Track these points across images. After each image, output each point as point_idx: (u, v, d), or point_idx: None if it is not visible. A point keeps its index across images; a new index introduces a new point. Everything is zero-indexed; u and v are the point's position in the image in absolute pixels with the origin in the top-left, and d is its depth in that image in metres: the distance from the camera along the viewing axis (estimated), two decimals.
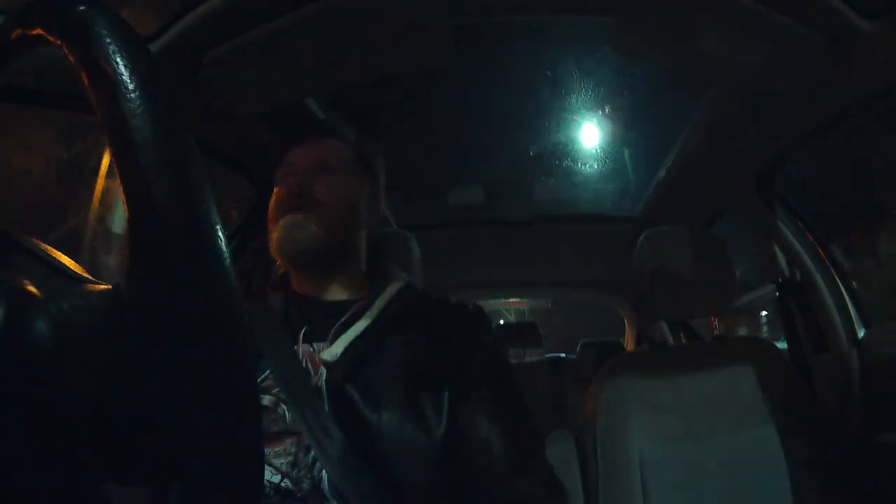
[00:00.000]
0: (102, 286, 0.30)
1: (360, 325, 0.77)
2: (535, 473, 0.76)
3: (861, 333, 1.22)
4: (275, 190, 0.85)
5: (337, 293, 0.84)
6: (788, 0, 0.82)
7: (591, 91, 1.37)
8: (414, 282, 0.90)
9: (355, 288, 0.85)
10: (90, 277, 0.32)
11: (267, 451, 0.69)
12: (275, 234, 0.80)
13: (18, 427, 0.26)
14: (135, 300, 0.27)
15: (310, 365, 0.74)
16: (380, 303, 0.80)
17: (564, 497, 0.79)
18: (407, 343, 0.78)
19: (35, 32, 0.30)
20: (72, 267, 0.32)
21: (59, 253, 0.32)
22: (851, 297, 1.26)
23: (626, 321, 2.84)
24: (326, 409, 0.71)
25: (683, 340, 2.13)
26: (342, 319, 0.78)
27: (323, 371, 0.74)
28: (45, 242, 0.32)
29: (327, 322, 0.78)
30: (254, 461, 0.30)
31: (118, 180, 0.27)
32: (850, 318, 1.24)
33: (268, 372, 0.74)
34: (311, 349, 0.76)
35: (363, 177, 0.87)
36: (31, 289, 0.27)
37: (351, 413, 0.71)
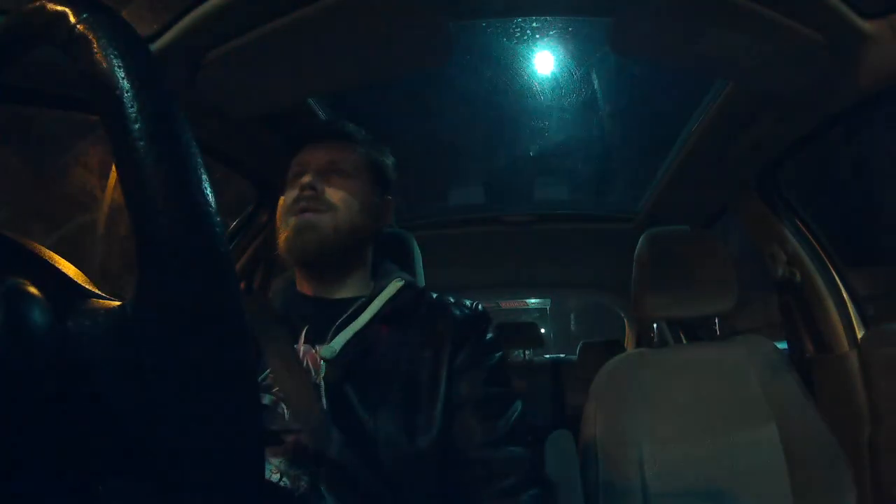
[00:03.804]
0: (111, 303, 0.30)
1: (358, 322, 0.78)
2: (523, 471, 0.75)
3: (861, 333, 1.21)
4: (286, 190, 0.85)
5: (340, 292, 0.85)
6: (788, 0, 0.82)
7: (591, 91, 1.37)
8: (414, 280, 0.90)
9: (358, 287, 0.85)
10: (99, 293, 0.32)
11: (266, 450, 0.70)
12: (284, 234, 0.81)
13: (17, 425, 0.26)
14: (142, 316, 0.27)
15: (310, 363, 0.75)
16: (379, 300, 0.81)
17: (551, 493, 0.79)
18: (405, 340, 0.78)
19: (36, 33, 0.30)
20: (80, 281, 0.32)
21: (69, 265, 0.32)
22: (851, 297, 1.26)
23: (626, 321, 2.85)
24: (324, 406, 0.71)
25: (683, 340, 2.13)
26: (342, 317, 0.78)
27: (322, 368, 0.74)
28: (48, 242, 0.32)
29: (328, 320, 0.79)
30: (254, 461, 0.30)
31: (120, 181, 0.27)
32: (850, 318, 1.23)
33: (268, 371, 0.74)
34: (312, 349, 0.76)
35: (374, 181, 0.88)
36: (33, 290, 0.27)
37: (348, 410, 0.72)
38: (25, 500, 0.27)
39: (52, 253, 0.32)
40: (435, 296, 0.87)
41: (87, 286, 0.32)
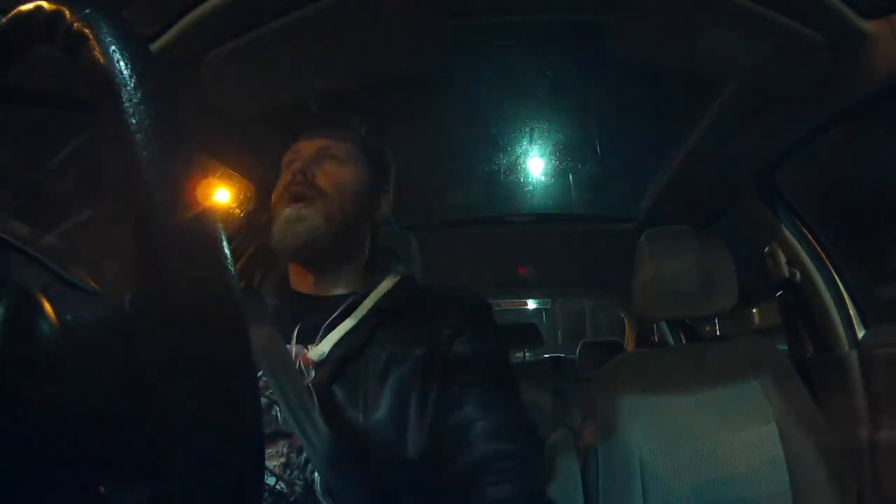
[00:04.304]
0: (109, 297, 0.30)
1: (349, 322, 0.76)
2: (515, 471, 0.72)
3: (861, 334, 1.22)
4: (279, 179, 0.83)
5: (332, 289, 0.83)
6: (788, 0, 0.82)
7: (591, 91, 1.37)
8: (412, 275, 0.88)
9: (352, 283, 0.83)
10: (96, 287, 0.32)
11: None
12: (275, 227, 0.79)
13: (16, 428, 0.26)
14: (139, 311, 0.28)
15: (302, 364, 0.74)
16: (372, 298, 0.79)
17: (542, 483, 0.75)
18: (398, 337, 0.76)
19: (36, 33, 0.30)
20: (78, 276, 0.32)
21: (66, 260, 0.32)
22: (851, 298, 1.26)
23: (626, 321, 2.85)
24: (316, 408, 0.70)
25: (683, 340, 2.13)
26: (332, 317, 0.76)
27: (312, 371, 0.73)
28: (44, 243, 0.32)
29: (318, 319, 0.76)
30: (255, 464, 0.30)
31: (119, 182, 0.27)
32: (850, 318, 1.24)
33: (261, 372, 0.73)
34: (305, 349, 0.75)
35: (369, 170, 0.86)
36: (31, 285, 0.27)
37: (339, 412, 0.70)
38: (26, 499, 0.27)
39: (48, 248, 0.32)
40: (434, 292, 0.85)
41: (84, 281, 0.32)
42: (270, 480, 0.68)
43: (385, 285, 0.81)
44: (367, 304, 0.78)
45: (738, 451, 1.06)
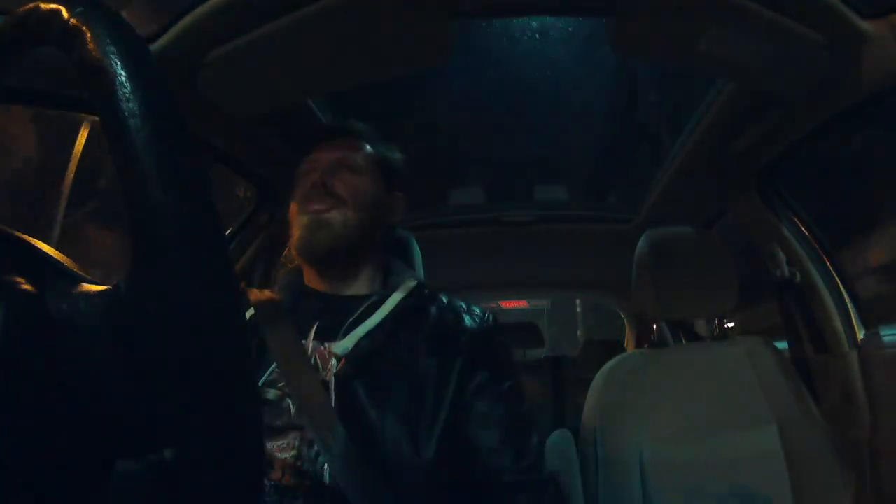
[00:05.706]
0: (102, 286, 0.30)
1: (372, 321, 0.78)
2: (529, 474, 0.77)
3: (861, 334, 1.22)
4: (296, 189, 0.86)
5: (349, 289, 0.86)
6: (788, 0, 0.82)
7: (592, 91, 1.37)
8: (423, 281, 0.91)
9: (368, 284, 0.87)
10: (89, 277, 0.32)
11: (271, 445, 0.70)
12: (296, 233, 0.83)
13: (17, 423, 0.26)
14: (135, 300, 0.28)
15: (318, 360, 0.75)
16: (393, 299, 0.82)
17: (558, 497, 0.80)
18: (415, 343, 0.79)
19: (34, 33, 0.30)
20: (70, 266, 0.32)
21: (58, 252, 0.32)
22: (851, 298, 1.26)
23: (626, 321, 2.85)
24: (333, 403, 0.71)
25: (683, 340, 2.13)
26: (356, 314, 0.79)
27: (332, 365, 0.74)
28: (43, 240, 0.32)
29: (338, 317, 0.79)
30: (255, 457, 0.30)
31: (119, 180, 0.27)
32: (850, 318, 1.24)
33: (274, 366, 0.74)
34: (322, 345, 0.77)
35: (384, 179, 0.90)
36: (29, 287, 0.27)
37: (357, 409, 0.72)
38: (31, 487, 0.27)
39: (40, 242, 0.32)
40: (446, 300, 0.88)
41: (77, 272, 0.32)
42: (279, 472, 0.69)
43: (404, 289, 0.85)
44: (389, 305, 0.81)
45: (738, 451, 1.06)
